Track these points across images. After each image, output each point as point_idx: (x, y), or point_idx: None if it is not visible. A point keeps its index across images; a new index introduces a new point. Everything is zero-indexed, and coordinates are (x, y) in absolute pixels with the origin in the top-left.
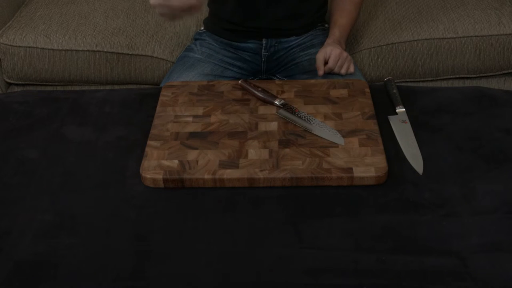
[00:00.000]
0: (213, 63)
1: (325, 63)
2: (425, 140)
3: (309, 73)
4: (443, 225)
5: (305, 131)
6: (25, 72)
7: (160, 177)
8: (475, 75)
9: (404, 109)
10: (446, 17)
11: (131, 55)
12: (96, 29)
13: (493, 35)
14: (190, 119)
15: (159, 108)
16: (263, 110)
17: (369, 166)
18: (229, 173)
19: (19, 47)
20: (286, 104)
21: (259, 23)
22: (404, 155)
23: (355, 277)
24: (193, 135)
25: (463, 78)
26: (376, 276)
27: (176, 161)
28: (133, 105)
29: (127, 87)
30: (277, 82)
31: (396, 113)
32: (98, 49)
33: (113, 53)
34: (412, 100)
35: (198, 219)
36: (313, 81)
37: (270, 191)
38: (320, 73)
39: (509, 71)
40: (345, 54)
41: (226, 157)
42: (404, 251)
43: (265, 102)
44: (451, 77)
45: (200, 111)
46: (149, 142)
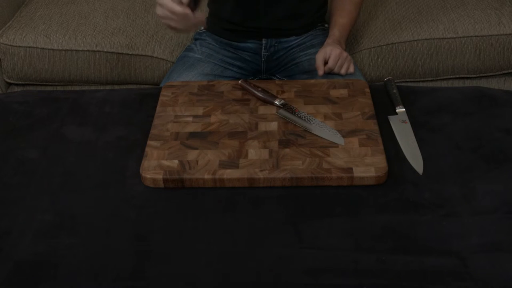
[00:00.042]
0: (213, 63)
1: (325, 63)
2: (425, 140)
3: (309, 73)
4: (443, 225)
5: (305, 131)
6: (25, 72)
7: (160, 177)
8: (475, 75)
9: (404, 109)
10: (446, 17)
11: (131, 55)
12: (96, 29)
13: (493, 35)
14: (190, 119)
15: (159, 108)
16: (263, 110)
17: (369, 166)
18: (229, 173)
19: (19, 47)
20: (286, 104)
21: (259, 23)
22: (404, 155)
23: (355, 277)
24: (193, 135)
25: (463, 78)
26: (376, 276)
27: (176, 161)
28: (133, 105)
29: (127, 87)
30: (277, 82)
31: (396, 113)
32: (98, 49)
33: (113, 53)
34: (412, 100)
35: (198, 219)
36: (313, 81)
37: (270, 191)
38: (320, 73)
39: (509, 71)
40: (345, 54)
41: (226, 157)
42: (404, 251)
43: (265, 102)
44: (451, 77)
45: (200, 111)
46: (149, 142)
